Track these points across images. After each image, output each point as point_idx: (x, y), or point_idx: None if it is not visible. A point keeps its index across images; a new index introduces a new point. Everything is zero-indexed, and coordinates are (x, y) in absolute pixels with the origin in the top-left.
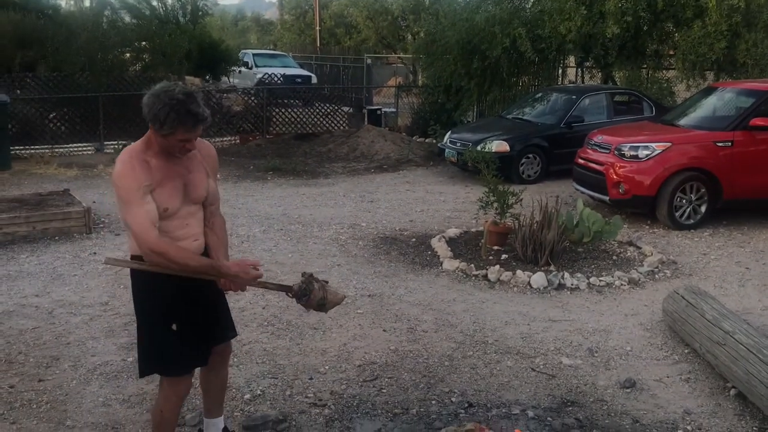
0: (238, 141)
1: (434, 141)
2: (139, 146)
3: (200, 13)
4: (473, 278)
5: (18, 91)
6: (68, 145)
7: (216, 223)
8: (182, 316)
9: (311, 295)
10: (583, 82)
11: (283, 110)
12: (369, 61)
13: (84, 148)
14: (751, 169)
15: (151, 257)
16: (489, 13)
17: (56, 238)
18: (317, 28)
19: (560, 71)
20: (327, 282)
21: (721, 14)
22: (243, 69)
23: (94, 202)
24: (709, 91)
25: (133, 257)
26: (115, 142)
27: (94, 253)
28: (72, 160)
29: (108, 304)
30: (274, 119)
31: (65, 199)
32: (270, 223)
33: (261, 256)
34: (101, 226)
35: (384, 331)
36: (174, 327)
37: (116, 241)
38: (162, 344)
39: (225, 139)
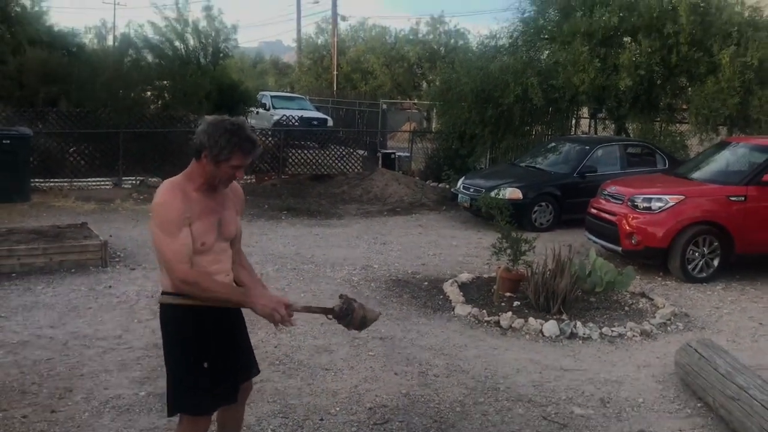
0: (254, 180)
1: (447, 186)
2: (181, 179)
3: (221, 54)
4: (485, 324)
5: (40, 125)
6: (87, 180)
7: (244, 260)
8: (213, 354)
9: (353, 314)
10: (596, 133)
11: (298, 151)
12: (384, 106)
13: (102, 183)
14: (764, 224)
15: (183, 288)
16: (504, 63)
17: (72, 270)
18: (334, 72)
19: (573, 121)
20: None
21: (735, 71)
22: (261, 110)
23: (111, 236)
24: (722, 146)
25: (164, 293)
26: (134, 178)
27: (110, 286)
28: (90, 194)
29: (122, 338)
30: (290, 160)
31: (83, 232)
32: (283, 262)
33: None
34: (117, 260)
35: (395, 374)
36: (205, 365)
37: (131, 275)
38: (193, 382)
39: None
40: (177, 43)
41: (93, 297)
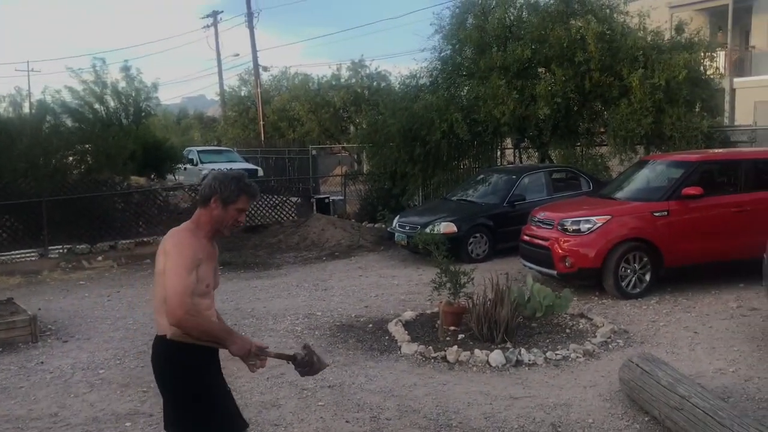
0: None
1: (383, 226)
2: (191, 226)
3: (143, 113)
4: (432, 360)
5: None
6: (10, 253)
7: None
8: (220, 401)
9: (314, 365)
10: (521, 162)
11: None
12: (314, 152)
13: (27, 255)
14: (688, 237)
15: (184, 320)
16: (426, 101)
17: (0, 349)
18: (261, 122)
19: (499, 152)
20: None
21: (645, 92)
22: (188, 166)
23: (40, 309)
24: (641, 165)
25: (169, 340)
26: (60, 247)
27: (42, 362)
28: (15, 267)
29: (58, 416)
30: None
31: (9, 308)
32: (222, 319)
33: None
34: (48, 333)
35: (347, 422)
36: (216, 411)
37: (64, 348)
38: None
39: None
40: (97, 106)
41: (24, 375)
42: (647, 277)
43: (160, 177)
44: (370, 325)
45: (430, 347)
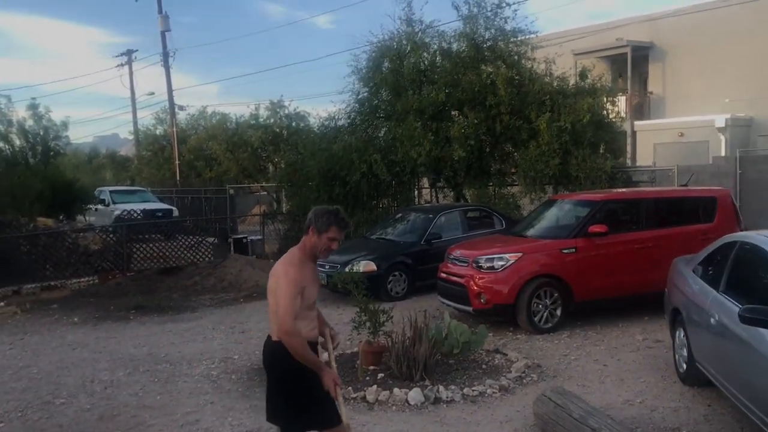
0: (97, 280)
1: None
2: (297, 251)
3: (52, 153)
4: (352, 401)
5: None
6: None
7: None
8: (314, 397)
9: None
10: (437, 201)
11: (144, 245)
12: (231, 191)
13: None
14: (595, 272)
15: (283, 337)
16: (345, 142)
17: None
18: (176, 162)
19: (416, 192)
20: None
21: (552, 135)
22: (100, 207)
23: None
24: (550, 204)
25: (276, 342)
26: None
27: None
28: None
29: None
30: (135, 255)
31: None
32: (135, 365)
33: (127, 402)
34: None
35: None
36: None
37: None
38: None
39: (82, 279)
40: (1, 144)
41: None
42: (558, 312)
43: (69, 218)
44: None
45: (350, 387)
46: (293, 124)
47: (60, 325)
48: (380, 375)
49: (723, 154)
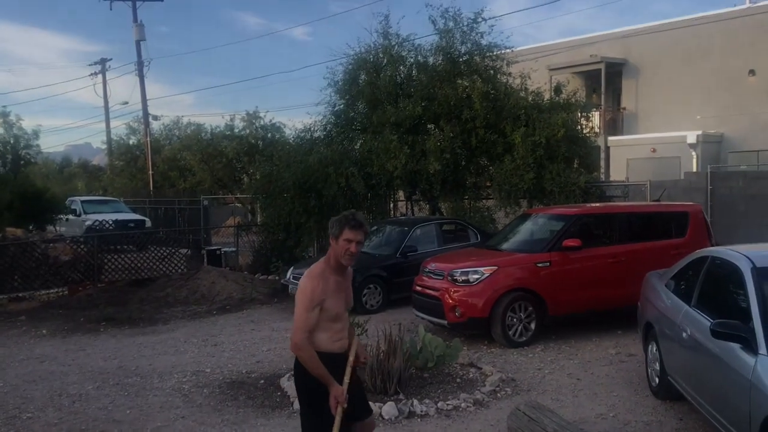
0: (66, 292)
1: (277, 278)
2: (322, 263)
3: (22, 162)
4: None
5: None
6: None
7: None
8: (324, 408)
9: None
10: (413, 214)
11: (116, 256)
12: (206, 202)
13: None
14: (569, 286)
15: (294, 349)
16: (321, 154)
17: None
18: (150, 172)
19: (391, 205)
20: None
21: (527, 149)
22: (71, 217)
23: None
24: (524, 217)
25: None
26: None
27: None
28: None
29: None
30: (107, 266)
31: None
32: (104, 379)
33: (96, 416)
34: None
35: None
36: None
37: None
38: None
39: (51, 291)
40: None
41: None
42: (533, 326)
43: (39, 228)
44: (262, 381)
45: None
46: (269, 135)
47: (28, 338)
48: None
49: (694, 169)
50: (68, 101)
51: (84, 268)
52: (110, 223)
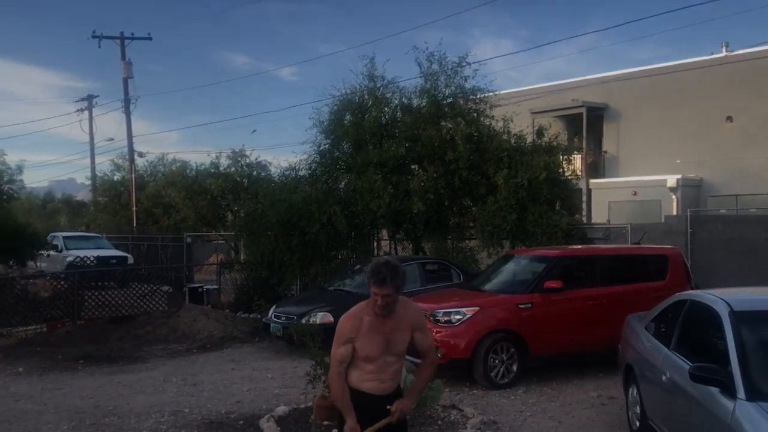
0: (45, 329)
1: (259, 316)
2: (362, 305)
3: (5, 196)
4: None
5: None
6: None
7: (421, 371)
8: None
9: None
10: (396, 253)
11: (96, 293)
12: (189, 239)
13: None
14: (551, 328)
15: (329, 379)
16: (306, 193)
17: None
18: (134, 208)
19: (375, 244)
20: None
21: (509, 191)
22: (52, 252)
23: None
24: (507, 258)
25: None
26: None
27: None
28: None
29: None
30: (87, 303)
31: None
32: (81, 418)
33: None
34: None
35: None
36: None
37: None
38: None
39: (30, 327)
40: None
41: None
42: (515, 368)
43: (20, 264)
44: (241, 422)
45: None
46: (254, 173)
47: (3, 376)
48: (334, 430)
49: (675, 213)
50: (53, 137)
51: (63, 304)
52: (92, 259)
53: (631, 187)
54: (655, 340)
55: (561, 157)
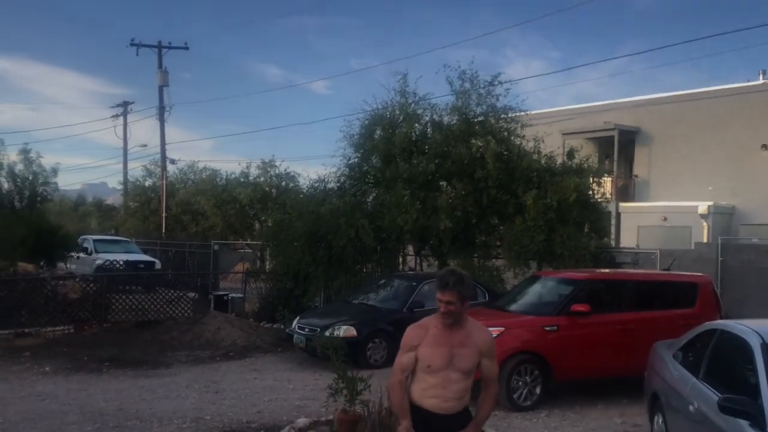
0: (72, 330)
1: (282, 326)
2: (431, 318)
3: (39, 198)
4: None
5: None
6: None
7: (485, 401)
8: None
9: None
10: (422, 269)
11: (123, 297)
12: (216, 246)
13: None
14: (576, 352)
15: (389, 386)
16: (333, 205)
17: None
18: (163, 214)
19: (401, 259)
20: None
21: (538, 211)
22: (82, 255)
23: None
24: (533, 279)
25: None
26: None
27: None
28: None
29: None
30: (114, 306)
31: None
32: (104, 420)
33: None
34: None
35: None
36: None
37: None
38: None
39: (57, 328)
40: None
41: None
42: (538, 390)
43: (50, 265)
44: None
45: None
46: (283, 183)
47: (30, 374)
48: None
49: (705, 240)
50: (88, 141)
51: (91, 306)
52: (120, 263)
53: (661, 212)
54: (683, 369)
55: (591, 179)
